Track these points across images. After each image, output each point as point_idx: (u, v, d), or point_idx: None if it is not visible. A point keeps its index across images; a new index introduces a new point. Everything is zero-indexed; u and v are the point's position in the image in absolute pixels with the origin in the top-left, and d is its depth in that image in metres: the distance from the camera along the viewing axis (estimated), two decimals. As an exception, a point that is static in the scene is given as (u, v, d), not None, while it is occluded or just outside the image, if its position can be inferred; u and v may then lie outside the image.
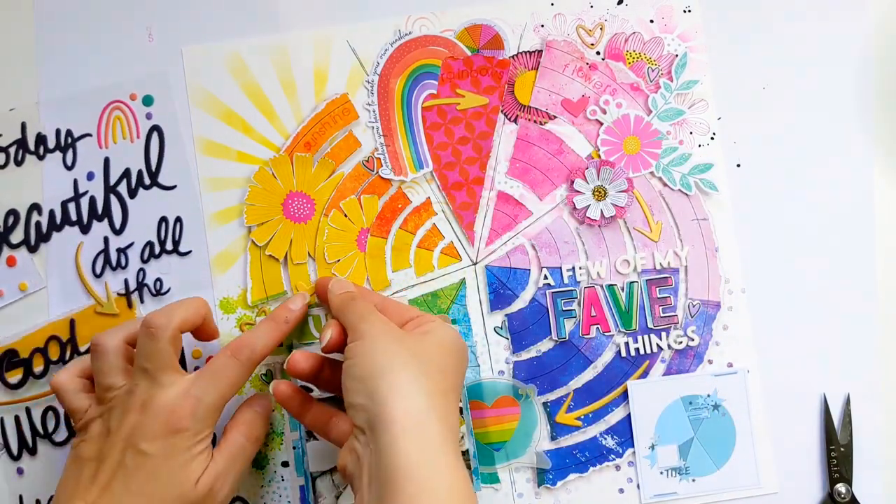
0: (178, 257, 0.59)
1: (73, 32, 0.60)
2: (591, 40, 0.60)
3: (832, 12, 0.60)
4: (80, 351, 0.59)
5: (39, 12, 0.60)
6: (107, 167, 0.60)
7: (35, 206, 0.59)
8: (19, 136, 0.60)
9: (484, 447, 0.58)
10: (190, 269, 0.59)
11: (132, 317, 0.59)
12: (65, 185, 0.60)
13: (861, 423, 0.58)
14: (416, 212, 0.60)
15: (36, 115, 0.60)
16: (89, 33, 0.60)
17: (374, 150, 0.60)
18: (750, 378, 0.59)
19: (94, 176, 0.60)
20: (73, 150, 0.60)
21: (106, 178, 0.60)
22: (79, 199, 0.60)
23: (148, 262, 0.59)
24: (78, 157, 0.60)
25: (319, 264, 0.59)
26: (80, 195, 0.60)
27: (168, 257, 0.59)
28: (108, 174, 0.60)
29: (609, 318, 0.59)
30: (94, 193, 0.60)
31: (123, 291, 0.59)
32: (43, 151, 0.60)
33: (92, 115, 0.60)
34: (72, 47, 0.60)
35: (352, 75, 0.60)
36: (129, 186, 0.60)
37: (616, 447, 0.58)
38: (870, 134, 0.60)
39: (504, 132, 0.60)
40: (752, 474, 0.58)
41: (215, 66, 0.60)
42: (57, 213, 0.59)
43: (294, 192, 0.59)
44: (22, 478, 0.59)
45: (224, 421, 0.54)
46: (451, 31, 0.60)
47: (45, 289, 0.59)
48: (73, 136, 0.60)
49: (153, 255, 0.59)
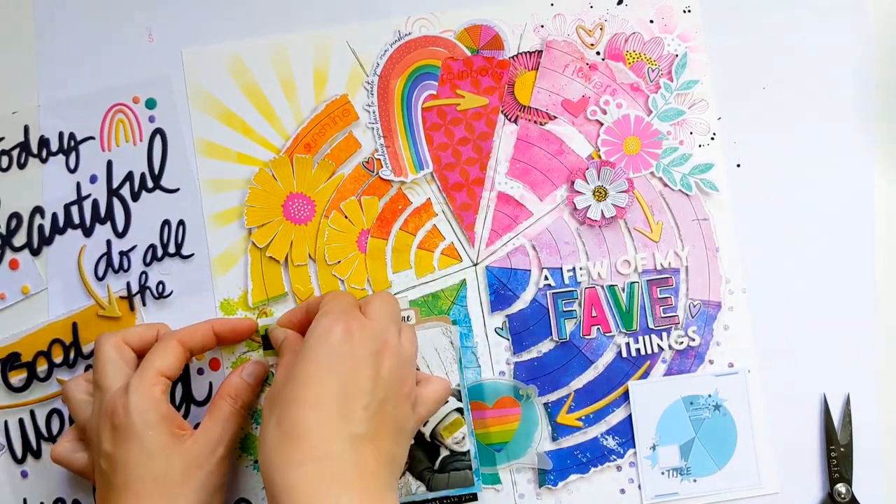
0: (181, 260, 0.59)
1: (74, 35, 0.60)
2: (591, 40, 0.60)
3: (832, 13, 0.60)
4: (83, 353, 0.59)
5: (40, 15, 0.60)
6: (109, 170, 0.60)
7: (38, 209, 0.59)
8: (22, 140, 0.60)
9: (485, 448, 0.58)
10: (192, 272, 0.59)
11: (133, 320, 0.59)
12: (67, 188, 0.60)
13: (861, 423, 0.58)
14: (416, 213, 0.60)
15: (38, 118, 0.60)
16: (91, 35, 0.60)
17: (375, 151, 0.60)
18: (751, 378, 0.59)
19: (97, 179, 0.60)
20: (76, 153, 0.60)
21: (109, 181, 0.60)
22: (81, 202, 0.60)
23: (150, 265, 0.59)
24: (81, 160, 0.60)
25: (320, 266, 0.59)
26: (82, 198, 0.60)
27: (170, 260, 0.59)
28: (111, 177, 0.60)
29: (610, 318, 0.59)
30: (96, 196, 0.60)
31: (125, 294, 0.59)
32: (46, 154, 0.60)
33: (95, 118, 0.60)
34: (73, 50, 0.60)
35: (351, 76, 0.60)
36: (131, 189, 0.60)
37: (617, 448, 0.58)
38: (870, 134, 0.60)
39: (504, 133, 0.60)
40: (754, 474, 0.58)
41: (215, 68, 0.60)
42: (59, 216, 0.59)
43: (294, 193, 0.59)
44: (26, 481, 0.59)
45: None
46: (450, 32, 0.60)
47: (46, 291, 0.59)
48: (75, 139, 0.60)
49: (155, 257, 0.59)
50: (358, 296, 0.59)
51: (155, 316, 0.59)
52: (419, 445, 0.57)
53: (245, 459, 0.59)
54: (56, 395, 0.59)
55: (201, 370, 0.59)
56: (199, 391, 0.59)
